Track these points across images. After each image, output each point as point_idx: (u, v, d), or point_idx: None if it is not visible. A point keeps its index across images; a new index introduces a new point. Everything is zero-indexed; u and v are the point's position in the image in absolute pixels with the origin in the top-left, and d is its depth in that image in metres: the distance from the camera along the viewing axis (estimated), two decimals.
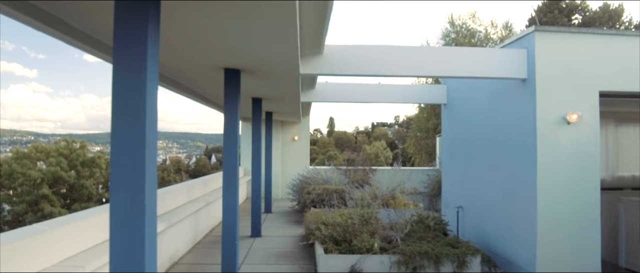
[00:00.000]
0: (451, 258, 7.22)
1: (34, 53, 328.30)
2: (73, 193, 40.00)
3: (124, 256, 2.99)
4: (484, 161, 9.15)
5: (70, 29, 4.73)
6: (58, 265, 4.64)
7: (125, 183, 2.99)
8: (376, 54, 7.48)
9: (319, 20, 5.27)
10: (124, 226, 2.99)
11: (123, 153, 2.99)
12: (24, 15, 4.07)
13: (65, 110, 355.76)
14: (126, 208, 2.99)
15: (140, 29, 3.01)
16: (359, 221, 7.93)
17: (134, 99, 3.00)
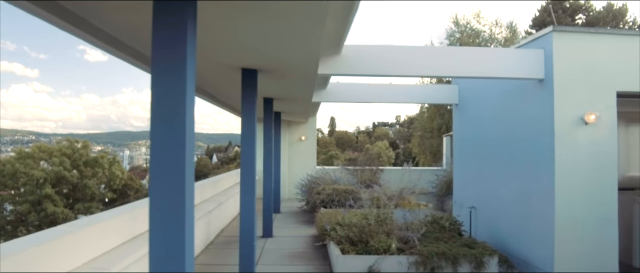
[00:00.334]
0: (469, 259, 7.20)
1: (35, 53, 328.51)
2: (76, 193, 39.97)
3: (164, 257, 2.97)
4: (498, 161, 9.13)
5: (95, 30, 4.72)
6: (84, 265, 4.62)
7: (164, 184, 2.97)
8: (393, 54, 7.46)
9: (342, 20, 5.25)
10: (163, 227, 2.98)
11: (162, 154, 2.98)
12: (51, 14, 4.06)
13: (66, 110, 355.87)
14: (166, 209, 2.98)
15: (179, 29, 2.99)
16: (375, 222, 7.91)
17: (174, 99, 2.98)
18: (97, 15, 4.28)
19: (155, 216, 2.97)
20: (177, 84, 2.97)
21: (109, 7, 4.05)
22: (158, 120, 2.97)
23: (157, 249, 2.96)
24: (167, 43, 2.99)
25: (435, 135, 26.91)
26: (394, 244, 7.31)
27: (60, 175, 38.87)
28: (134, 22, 4.50)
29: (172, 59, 2.98)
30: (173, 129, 2.96)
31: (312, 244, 9.73)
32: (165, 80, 2.99)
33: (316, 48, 5.37)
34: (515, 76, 7.66)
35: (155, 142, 2.97)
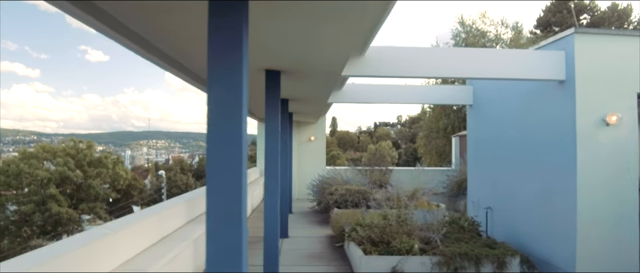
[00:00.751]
0: (491, 259, 7.24)
1: (37, 53, 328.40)
2: (80, 193, 39.99)
3: (222, 257, 3.00)
4: (516, 162, 9.17)
5: (128, 32, 4.75)
6: (121, 267, 4.66)
7: (221, 186, 3.00)
8: (414, 55, 7.50)
9: (373, 21, 5.28)
10: (220, 228, 3.00)
11: (219, 154, 3.00)
12: (86, 15, 4.09)
13: (67, 110, 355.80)
14: (222, 211, 3.00)
15: (235, 29, 3.02)
16: (396, 222, 7.94)
17: (230, 99, 3.01)
18: (130, 15, 4.30)
19: (212, 217, 2.99)
20: (234, 83, 3.01)
21: (147, 8, 4.08)
22: (215, 121, 3.00)
23: (214, 249, 2.99)
24: (223, 43, 3.02)
25: (441, 136, 26.93)
26: (417, 245, 7.34)
27: (65, 175, 38.89)
28: (165, 24, 4.54)
29: (228, 59, 3.01)
30: (230, 129, 2.99)
31: (328, 245, 9.76)
32: (222, 80, 3.02)
33: (347, 49, 5.40)
34: (535, 78, 7.71)
35: (212, 143, 3.00)
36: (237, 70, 3.00)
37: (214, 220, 3.00)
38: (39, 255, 3.52)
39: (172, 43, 5.54)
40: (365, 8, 4.08)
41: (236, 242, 2.99)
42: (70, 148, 41.24)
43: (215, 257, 3.00)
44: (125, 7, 4.11)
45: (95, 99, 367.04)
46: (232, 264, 2.99)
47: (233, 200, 2.98)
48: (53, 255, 3.51)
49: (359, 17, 4.22)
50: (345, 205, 11.96)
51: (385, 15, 4.98)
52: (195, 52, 5.98)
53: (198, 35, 4.89)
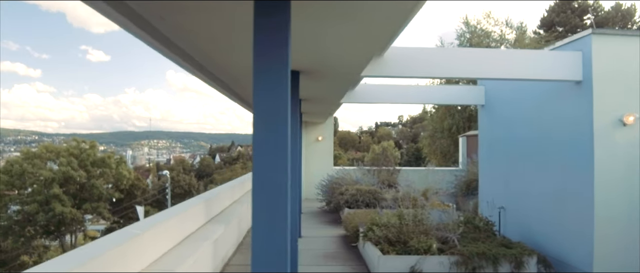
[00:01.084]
0: (508, 259, 7.26)
1: (38, 53, 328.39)
2: (83, 192, 39.99)
3: (267, 258, 3.02)
4: (530, 161, 9.19)
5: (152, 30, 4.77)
6: (150, 266, 4.68)
7: (267, 187, 3.02)
8: (431, 56, 7.53)
9: (399, 21, 5.28)
10: (266, 230, 3.02)
11: (264, 154, 3.02)
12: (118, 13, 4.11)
13: (69, 110, 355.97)
14: (268, 213, 3.01)
15: (280, 29, 3.04)
16: (412, 222, 7.96)
17: (275, 100, 3.03)
18: (155, 14, 4.30)
19: (258, 218, 3.01)
20: (279, 83, 3.03)
21: (172, 8, 4.10)
22: (260, 121, 3.02)
23: (260, 250, 3.01)
24: (268, 43, 3.04)
25: (446, 136, 26.95)
26: (435, 244, 7.36)
27: (68, 175, 38.90)
28: (186, 24, 4.56)
29: (273, 58, 3.03)
30: (275, 129, 3.01)
31: (342, 244, 9.78)
32: (266, 80, 3.03)
33: (370, 50, 5.43)
34: (552, 78, 7.73)
35: (258, 144, 3.02)
36: (283, 70, 3.02)
37: (260, 221, 3.02)
38: (80, 255, 3.54)
39: (193, 42, 5.56)
40: (396, 8, 4.10)
41: (281, 243, 3.01)
42: (74, 148, 41.24)
43: (261, 258, 3.01)
44: (153, 7, 4.13)
45: (96, 99, 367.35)
46: (277, 265, 3.00)
47: (278, 201, 3.00)
48: (92, 255, 3.53)
49: (386, 17, 4.24)
50: (356, 205, 11.98)
51: (412, 15, 4.99)
52: (215, 51, 6.00)
53: (218, 35, 4.92)
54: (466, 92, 11.99)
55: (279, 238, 3.01)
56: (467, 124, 26.60)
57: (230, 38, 5.17)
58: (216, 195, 8.31)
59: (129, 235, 4.40)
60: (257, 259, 3.03)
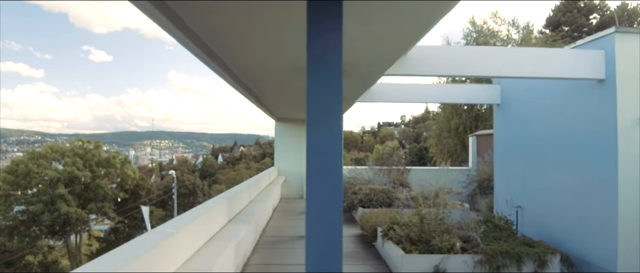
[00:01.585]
0: (532, 258, 7.24)
1: (40, 53, 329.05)
2: (88, 192, 40.00)
3: (321, 258, 3.00)
4: (549, 160, 9.17)
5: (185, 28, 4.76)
6: (183, 266, 4.66)
7: (321, 187, 3.00)
8: (453, 54, 7.54)
9: (430, 19, 5.27)
10: (320, 230, 3.00)
11: (318, 155, 3.00)
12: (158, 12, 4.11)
13: (71, 110, 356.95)
14: (322, 213, 3.00)
15: (334, 28, 3.03)
16: (434, 221, 7.94)
17: (329, 99, 3.01)
18: (189, 12, 4.30)
19: (312, 219, 3.00)
20: (332, 82, 3.01)
21: (204, 8, 4.10)
22: (314, 121, 3.00)
23: (314, 251, 2.99)
24: (322, 43, 3.03)
25: (453, 135, 26.92)
26: (458, 243, 7.34)
27: (73, 175, 38.92)
28: (214, 22, 4.55)
29: (327, 59, 3.02)
30: (329, 130, 3.00)
31: (359, 244, 9.77)
32: (320, 80, 3.02)
33: (402, 49, 5.40)
34: (574, 76, 7.71)
35: (312, 145, 3.00)
36: (336, 70, 3.01)
37: (314, 222, 3.00)
38: (124, 254, 3.52)
39: (220, 41, 5.56)
40: (432, 5, 4.08)
41: (335, 243, 2.99)
42: (79, 149, 41.27)
43: (315, 258, 3.00)
44: (187, 5, 4.12)
45: (98, 99, 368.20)
46: (330, 265, 2.99)
47: (332, 201, 2.98)
48: (136, 254, 3.51)
49: (421, 14, 4.22)
50: (369, 205, 11.96)
51: (446, 12, 4.97)
52: (239, 50, 6.00)
53: (244, 33, 4.92)
54: (481, 91, 11.95)
55: (332, 239, 2.99)
56: (474, 124, 26.56)
57: (262, 37, 5.16)
58: (236, 194, 8.28)
59: (165, 235, 4.38)
60: (311, 260, 3.01)
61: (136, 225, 41.27)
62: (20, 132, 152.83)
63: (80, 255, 39.92)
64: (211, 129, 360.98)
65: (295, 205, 15.59)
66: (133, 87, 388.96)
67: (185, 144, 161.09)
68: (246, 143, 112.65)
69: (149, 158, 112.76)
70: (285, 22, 4.38)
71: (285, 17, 4.20)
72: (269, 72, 7.60)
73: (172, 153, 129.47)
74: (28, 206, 37.89)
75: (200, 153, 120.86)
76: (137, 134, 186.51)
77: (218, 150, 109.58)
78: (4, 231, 37.32)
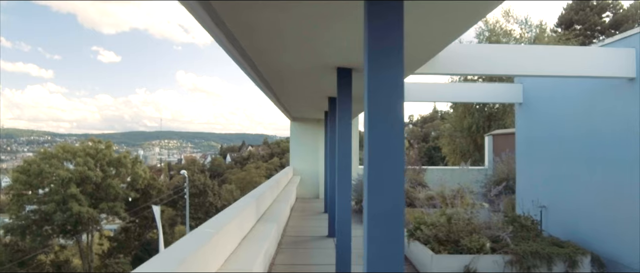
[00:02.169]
0: (562, 258, 7.18)
1: (50, 54, 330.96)
2: (100, 192, 40.18)
3: (382, 258, 2.98)
4: (576, 159, 9.08)
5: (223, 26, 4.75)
6: (224, 265, 4.66)
7: (382, 185, 2.97)
8: (484, 53, 7.47)
9: (474, 18, 5.21)
10: (381, 230, 2.98)
11: (379, 155, 2.98)
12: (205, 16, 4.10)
13: (80, 110, 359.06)
14: (383, 213, 2.97)
15: (394, 29, 3.00)
16: (461, 221, 7.89)
17: (391, 100, 2.98)
18: (228, 11, 4.28)
19: (373, 219, 2.97)
20: (394, 84, 2.98)
21: (243, 6, 4.08)
22: (375, 122, 2.97)
23: (375, 250, 2.97)
24: (383, 41, 3.00)
25: (465, 135, 26.81)
26: (488, 243, 7.29)
27: (85, 175, 39.11)
28: (251, 20, 4.53)
29: (388, 58, 2.98)
30: (390, 131, 2.97)
31: None
32: (381, 80, 2.99)
33: (439, 47, 5.36)
34: (603, 75, 7.64)
35: (373, 145, 2.97)
36: (398, 68, 2.98)
37: (375, 222, 2.97)
38: (176, 255, 3.50)
39: (255, 41, 5.54)
40: (478, 5, 4.04)
41: (397, 243, 2.96)
42: (90, 148, 41.47)
43: (376, 258, 2.97)
44: (229, 5, 4.10)
45: (107, 99, 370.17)
46: (392, 265, 2.96)
47: (393, 201, 2.95)
48: (188, 254, 3.49)
49: (466, 13, 4.17)
50: None
51: (489, 11, 4.92)
52: (270, 50, 5.98)
53: (281, 32, 4.91)
54: (503, 90, 11.85)
55: (393, 239, 2.96)
56: (487, 123, 26.43)
57: (298, 36, 5.14)
58: (262, 194, 8.28)
59: (209, 235, 4.36)
60: (371, 260, 2.99)
61: (147, 224, 41.38)
62: (30, 132, 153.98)
63: (92, 254, 40.10)
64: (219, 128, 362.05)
65: (312, 204, 15.57)
66: (141, 88, 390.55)
67: (193, 144, 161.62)
68: (254, 143, 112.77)
69: (158, 158, 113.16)
70: (327, 20, 4.35)
71: (327, 15, 4.15)
72: (295, 72, 7.58)
73: (181, 153, 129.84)
74: (40, 205, 38.13)
75: (209, 153, 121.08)
76: (146, 134, 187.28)
77: (226, 150, 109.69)
78: (17, 230, 37.58)
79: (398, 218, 2.95)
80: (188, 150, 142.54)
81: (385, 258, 2.97)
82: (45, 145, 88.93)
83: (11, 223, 38.14)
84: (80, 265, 39.55)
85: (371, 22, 3.01)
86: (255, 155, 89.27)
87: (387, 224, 2.96)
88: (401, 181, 2.96)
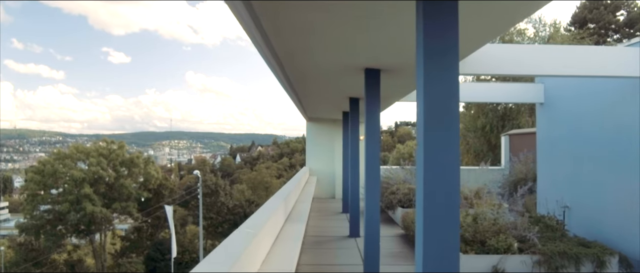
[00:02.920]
0: (590, 258, 7.17)
1: (61, 55, 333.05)
2: (113, 192, 40.46)
3: (438, 258, 3.00)
4: (601, 160, 9.05)
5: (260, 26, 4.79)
6: (263, 265, 4.70)
7: (437, 187, 3.00)
8: (516, 53, 7.49)
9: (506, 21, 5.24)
10: (437, 230, 3.00)
11: (434, 156, 3.00)
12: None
13: (91, 111, 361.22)
14: (440, 214, 3.00)
15: (449, 29, 3.02)
16: (486, 221, 7.90)
17: (446, 100, 3.01)
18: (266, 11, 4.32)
19: (429, 219, 3.00)
20: (450, 84, 3.01)
21: (282, 7, 4.12)
22: (430, 122, 3.00)
23: (431, 250, 2.99)
24: (438, 42, 3.03)
25: (479, 135, 26.72)
26: (516, 244, 7.29)
27: (98, 175, 39.40)
28: (288, 21, 4.58)
29: (444, 57, 3.02)
30: (446, 131, 3.00)
31: (403, 244, 9.77)
32: (437, 81, 3.02)
33: (473, 47, 5.37)
34: (633, 75, 7.60)
35: (429, 146, 3.00)
36: (454, 69, 3.00)
37: (431, 222, 3.00)
38: (228, 255, 3.55)
39: (286, 41, 5.59)
40: (523, 5, 4.05)
41: (453, 243, 2.99)
42: (103, 149, 41.77)
43: (432, 258, 3.00)
44: (269, 5, 4.15)
45: (118, 100, 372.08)
46: (447, 265, 2.98)
47: (450, 202, 2.98)
48: (238, 254, 3.54)
49: (510, 13, 4.19)
50: (410, 205, 11.93)
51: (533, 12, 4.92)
52: (300, 50, 6.03)
53: (312, 33, 4.95)
54: (523, 90, 11.82)
55: (451, 236, 2.99)
56: (501, 123, 26.34)
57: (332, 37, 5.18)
58: (288, 194, 8.33)
59: (251, 235, 4.40)
60: (427, 260, 3.01)
61: (159, 224, 41.60)
62: (42, 133, 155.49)
63: (105, 254, 40.39)
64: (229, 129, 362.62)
65: (328, 205, 15.60)
66: (151, 88, 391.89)
67: (203, 144, 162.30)
68: (264, 143, 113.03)
69: (168, 159, 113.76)
70: (365, 20, 4.37)
71: (366, 15, 4.17)
72: (321, 72, 7.63)
73: (191, 154, 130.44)
74: (54, 205, 38.48)
75: (219, 153, 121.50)
76: (156, 134, 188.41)
77: (236, 150, 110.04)
78: (31, 230, 37.97)
79: (454, 218, 2.98)
80: (198, 151, 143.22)
81: (441, 260, 2.99)
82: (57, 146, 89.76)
83: (26, 222, 38.56)
84: (93, 264, 39.86)
85: (427, 21, 3.03)
86: (264, 155, 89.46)
87: (443, 225, 2.99)
88: (457, 182, 2.99)
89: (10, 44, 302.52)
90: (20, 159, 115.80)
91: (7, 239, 46.17)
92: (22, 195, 44.57)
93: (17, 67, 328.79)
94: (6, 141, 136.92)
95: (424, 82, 3.02)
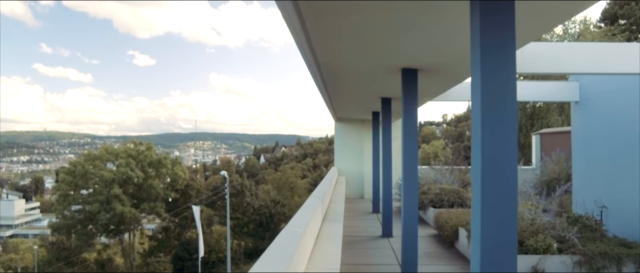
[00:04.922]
0: (632, 259, 7.06)
1: (88, 58, 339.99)
2: (141, 192, 41.17)
3: (495, 257, 3.02)
4: None
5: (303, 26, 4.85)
6: (308, 265, 4.75)
7: (495, 181, 3.02)
8: (553, 51, 7.41)
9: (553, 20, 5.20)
10: (494, 229, 3.02)
11: (492, 155, 3.02)
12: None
13: (118, 113, 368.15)
14: (498, 213, 3.01)
15: (507, 28, 3.04)
16: (523, 221, 7.84)
17: (505, 102, 3.03)
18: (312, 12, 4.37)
19: (487, 218, 3.02)
20: (507, 84, 3.03)
21: (328, 9, 4.17)
22: (487, 122, 3.02)
23: (488, 249, 3.01)
24: (495, 41, 3.04)
25: None
26: (555, 244, 7.22)
27: (127, 176, 40.13)
28: (332, 24, 4.63)
29: (500, 56, 3.04)
30: (504, 130, 3.02)
31: (438, 244, 9.74)
32: (494, 79, 3.05)
33: (524, 43, 5.33)
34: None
35: (486, 146, 3.02)
36: (511, 68, 3.02)
37: (488, 222, 3.02)
38: (282, 255, 3.61)
39: (327, 43, 5.65)
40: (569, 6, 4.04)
41: (510, 243, 3.00)
42: (131, 150, 42.52)
43: (489, 259, 3.02)
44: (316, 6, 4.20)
45: (144, 102, 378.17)
46: (505, 264, 3.00)
47: (507, 200, 3.00)
48: (291, 255, 3.59)
49: (555, 13, 4.17)
50: (441, 205, 11.88)
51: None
52: (338, 52, 6.09)
53: (355, 35, 4.99)
54: (557, 88, 11.64)
55: (508, 236, 3.01)
56: (529, 122, 26.00)
57: (373, 38, 5.22)
58: (324, 194, 8.39)
59: (299, 234, 4.44)
60: (485, 259, 3.03)
61: (186, 224, 42.17)
62: (71, 135, 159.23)
63: (134, 253, 41.12)
64: (252, 129, 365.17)
65: (358, 205, 15.63)
66: (176, 90, 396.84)
67: (227, 145, 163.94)
68: (287, 144, 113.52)
69: (193, 159, 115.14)
70: (413, 21, 4.39)
71: (417, 15, 4.19)
72: (356, 73, 7.68)
73: (215, 154, 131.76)
74: (84, 205, 39.36)
75: (243, 154, 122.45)
76: (181, 136, 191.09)
77: (260, 151, 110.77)
78: (63, 229, 38.91)
79: (511, 217, 2.99)
80: (222, 151, 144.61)
81: (498, 260, 3.01)
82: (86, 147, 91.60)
83: (57, 222, 39.52)
84: (122, 263, 40.63)
85: (484, 20, 3.05)
86: (288, 155, 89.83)
87: (501, 223, 3.00)
88: (515, 182, 3.00)
89: (39, 48, 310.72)
90: (51, 160, 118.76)
91: (39, 238, 47.47)
92: (54, 195, 45.74)
93: (46, 70, 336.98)
94: (37, 143, 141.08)
95: (481, 81, 3.04)
